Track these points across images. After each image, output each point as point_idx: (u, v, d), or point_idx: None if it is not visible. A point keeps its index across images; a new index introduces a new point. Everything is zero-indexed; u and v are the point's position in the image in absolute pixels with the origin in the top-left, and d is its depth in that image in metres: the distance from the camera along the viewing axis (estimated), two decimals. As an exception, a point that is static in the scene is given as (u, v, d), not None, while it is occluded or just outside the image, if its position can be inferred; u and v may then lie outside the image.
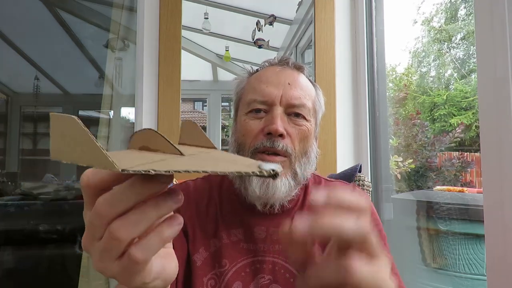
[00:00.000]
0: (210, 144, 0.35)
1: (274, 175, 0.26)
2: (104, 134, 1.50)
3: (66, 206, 2.18)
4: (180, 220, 0.28)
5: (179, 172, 0.24)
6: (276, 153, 0.61)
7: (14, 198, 2.28)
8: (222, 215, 0.67)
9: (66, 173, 3.37)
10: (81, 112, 3.56)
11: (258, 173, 0.26)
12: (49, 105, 3.71)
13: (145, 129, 0.29)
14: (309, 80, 0.70)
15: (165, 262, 0.31)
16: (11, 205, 2.11)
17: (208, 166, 0.26)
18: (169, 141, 0.28)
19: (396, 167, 1.82)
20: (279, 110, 0.63)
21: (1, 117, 3.54)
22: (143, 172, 0.23)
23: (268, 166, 0.26)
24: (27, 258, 2.01)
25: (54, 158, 0.25)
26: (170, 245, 0.34)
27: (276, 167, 0.27)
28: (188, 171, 0.25)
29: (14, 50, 2.96)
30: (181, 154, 0.28)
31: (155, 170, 0.23)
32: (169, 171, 0.24)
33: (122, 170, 0.22)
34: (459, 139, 2.05)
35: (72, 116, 0.23)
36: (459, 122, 2.34)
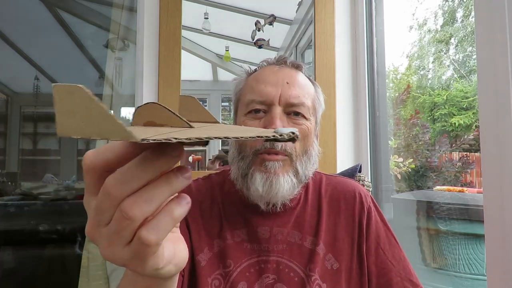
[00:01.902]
0: (212, 119, 0.34)
1: (293, 138, 0.26)
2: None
3: (66, 206, 2.17)
4: (188, 199, 0.27)
5: (200, 139, 0.23)
6: (277, 153, 0.61)
7: (14, 198, 2.28)
8: (225, 216, 0.67)
9: (66, 173, 3.37)
10: (81, 112, 3.57)
11: (278, 136, 0.25)
12: (49, 105, 3.71)
13: (148, 103, 0.27)
14: (308, 78, 0.70)
15: (175, 246, 0.30)
16: (11, 205, 2.10)
17: (226, 133, 0.25)
18: (176, 114, 0.26)
19: (396, 167, 1.81)
20: (278, 110, 0.62)
21: (1, 117, 3.54)
22: (164, 141, 0.21)
23: (287, 130, 0.26)
24: (27, 258, 2.01)
25: (61, 134, 0.22)
26: (177, 229, 0.33)
27: (294, 129, 0.26)
28: (210, 138, 0.23)
29: (14, 50, 2.96)
30: (190, 126, 0.26)
31: (176, 138, 0.22)
32: (189, 139, 0.22)
33: (142, 140, 0.20)
34: (468, 145, 2.05)
35: (79, 85, 0.21)
36: (461, 122, 2.34)
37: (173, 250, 0.29)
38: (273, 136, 0.25)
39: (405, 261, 0.66)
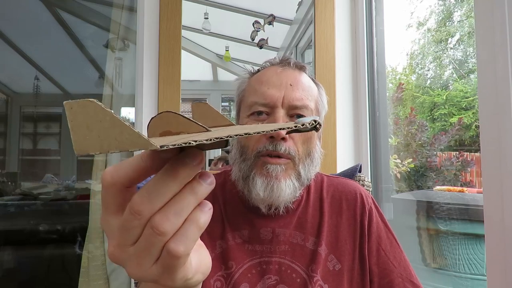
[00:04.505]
0: (227, 122, 0.33)
1: (315, 127, 0.26)
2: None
3: (66, 206, 2.18)
4: (210, 205, 0.27)
5: (221, 138, 0.22)
6: (279, 156, 0.61)
7: (14, 198, 2.28)
8: (227, 217, 0.67)
9: (66, 173, 3.36)
10: (81, 112, 3.56)
11: (301, 126, 0.25)
12: (49, 105, 3.71)
13: (162, 112, 0.26)
14: (312, 79, 0.70)
15: (199, 254, 0.30)
16: (11, 205, 2.11)
17: (245, 130, 0.24)
18: (191, 120, 0.26)
19: (396, 166, 1.82)
20: (281, 113, 0.62)
21: (1, 117, 3.54)
22: (184, 145, 0.21)
23: (308, 119, 0.26)
24: (27, 258, 2.01)
25: (79, 152, 0.21)
26: None
27: (316, 117, 0.26)
28: (231, 136, 0.23)
29: (14, 50, 2.96)
30: (207, 130, 0.26)
31: (195, 141, 0.21)
32: (210, 139, 0.22)
33: (161, 147, 0.20)
34: (457, 136, 2.05)
35: (91, 99, 0.20)
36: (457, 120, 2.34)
37: (199, 258, 0.29)
38: (295, 126, 0.25)
39: (406, 262, 0.66)
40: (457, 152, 1.97)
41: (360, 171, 0.92)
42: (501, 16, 0.71)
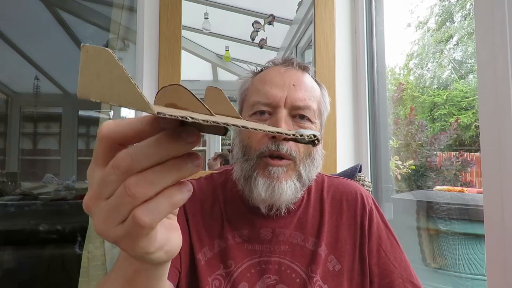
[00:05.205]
0: (236, 114, 0.33)
1: (313, 141, 0.26)
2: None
3: (66, 206, 2.18)
4: (190, 187, 0.27)
5: (217, 123, 0.23)
6: (281, 157, 0.61)
7: (14, 198, 2.28)
8: (227, 216, 0.67)
9: (66, 173, 3.37)
10: (81, 112, 3.56)
11: (299, 137, 0.25)
12: (49, 105, 3.71)
13: (173, 84, 0.27)
14: (314, 80, 0.69)
15: (169, 233, 0.30)
16: (11, 205, 2.11)
17: (245, 124, 0.25)
18: (199, 100, 0.26)
19: (397, 168, 1.82)
20: (283, 113, 0.62)
21: (1, 117, 3.53)
22: (180, 118, 0.21)
23: (308, 132, 0.26)
24: (27, 258, 2.01)
25: (81, 95, 0.22)
26: (174, 217, 0.33)
27: (316, 133, 0.26)
28: (228, 125, 0.23)
29: (14, 50, 2.96)
30: (211, 114, 0.25)
31: (192, 118, 0.21)
32: (207, 121, 0.22)
33: (158, 113, 0.20)
34: (455, 135, 2.05)
35: (107, 49, 0.21)
36: (461, 122, 2.34)
37: (166, 237, 0.29)
38: (294, 135, 0.25)
39: (406, 262, 0.66)
40: (457, 152, 1.97)
41: (360, 171, 0.92)
42: (501, 16, 0.71)
